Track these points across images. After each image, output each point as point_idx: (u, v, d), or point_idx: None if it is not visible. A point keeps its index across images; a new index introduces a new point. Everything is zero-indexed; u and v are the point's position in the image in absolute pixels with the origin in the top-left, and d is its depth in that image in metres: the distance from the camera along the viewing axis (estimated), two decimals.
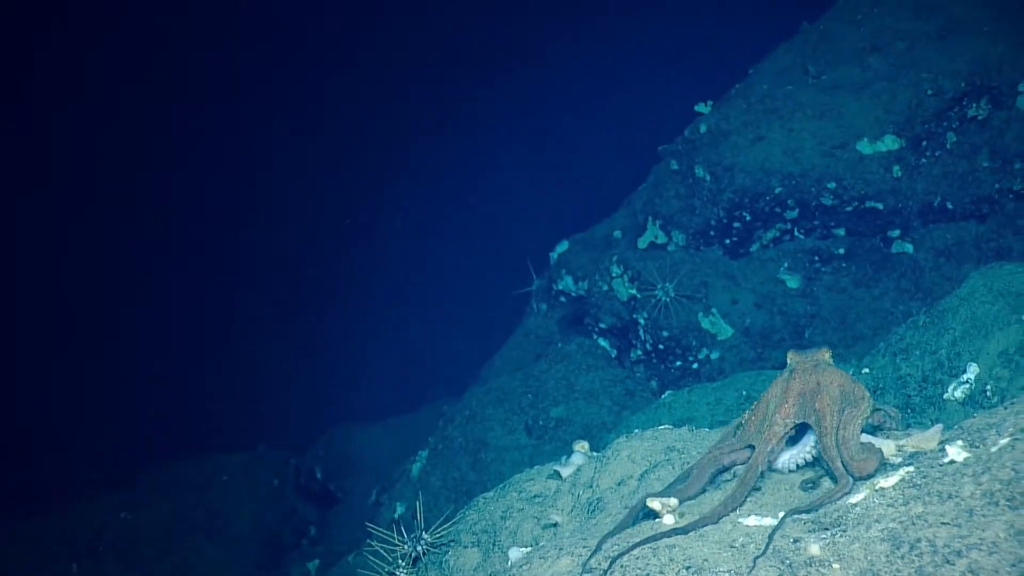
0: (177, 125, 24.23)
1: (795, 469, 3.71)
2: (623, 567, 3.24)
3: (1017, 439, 3.14)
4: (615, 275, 10.46)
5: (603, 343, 10.83)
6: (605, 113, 22.92)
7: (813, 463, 3.68)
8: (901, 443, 3.53)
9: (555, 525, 4.51)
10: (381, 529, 5.30)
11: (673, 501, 3.61)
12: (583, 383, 10.40)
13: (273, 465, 15.00)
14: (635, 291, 10.24)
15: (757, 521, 3.38)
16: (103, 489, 14.63)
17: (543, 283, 12.12)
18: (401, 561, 5.15)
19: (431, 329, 20.54)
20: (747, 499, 3.58)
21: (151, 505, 13.94)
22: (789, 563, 3.00)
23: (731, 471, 3.87)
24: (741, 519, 3.42)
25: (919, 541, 2.85)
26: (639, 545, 3.32)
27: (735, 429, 3.92)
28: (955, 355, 5.38)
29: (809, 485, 3.59)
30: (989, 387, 5.06)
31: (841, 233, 10.13)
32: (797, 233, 10.26)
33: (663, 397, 8.37)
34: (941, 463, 3.23)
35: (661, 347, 10.12)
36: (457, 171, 23.78)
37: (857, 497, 3.23)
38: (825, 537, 3.07)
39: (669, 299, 9.98)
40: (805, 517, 3.26)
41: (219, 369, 20.55)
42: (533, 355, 11.70)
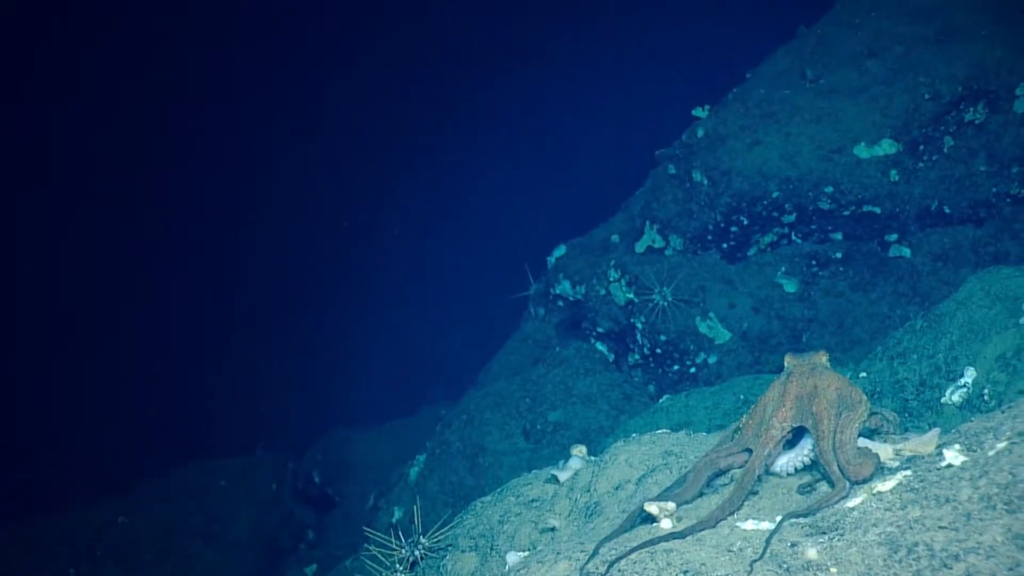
0: (177, 125, 24.20)
1: (793, 473, 3.70)
2: (621, 571, 3.24)
3: (1015, 443, 3.14)
4: (613, 279, 10.46)
5: (601, 347, 10.83)
6: (602, 117, 22.91)
7: (811, 467, 3.68)
8: (898, 447, 3.53)
9: (553, 529, 4.51)
10: (379, 533, 5.30)
11: (671, 505, 3.61)
12: (581, 387, 10.39)
13: (271, 469, 14.99)
14: (633, 295, 10.25)
15: (755, 525, 3.37)
16: (103, 490, 14.61)
17: (541, 287, 12.12)
18: (399, 565, 5.15)
19: (429, 333, 20.53)
20: (745, 503, 3.58)
21: (149, 509, 13.93)
22: (787, 567, 3.00)
23: (728, 475, 3.87)
24: (739, 523, 3.42)
25: (916, 545, 2.85)
26: (637, 549, 3.32)
27: (732, 433, 3.92)
28: (952, 359, 5.38)
29: (806, 489, 3.59)
30: (986, 391, 5.06)
31: (838, 237, 10.13)
32: (794, 237, 10.26)
33: (661, 401, 8.37)
34: (938, 467, 3.23)
35: (659, 351, 10.12)
36: (455, 174, 23.76)
37: (855, 501, 3.23)
38: (823, 541, 3.07)
39: (667, 303, 9.98)
40: (802, 521, 3.26)
41: (218, 370, 20.53)
42: (531, 359, 11.69)
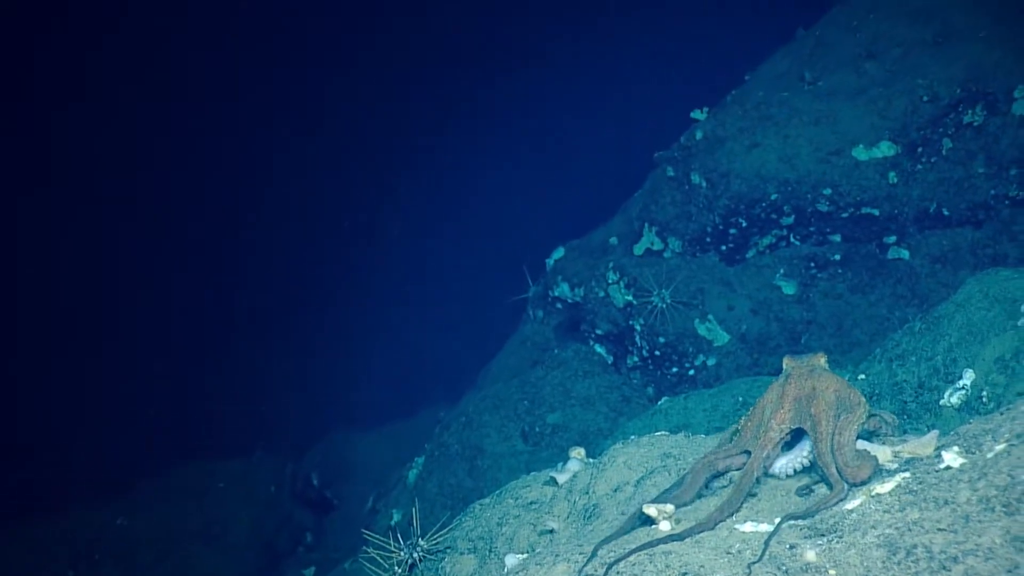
0: (177, 125, 24.22)
1: (792, 474, 3.70)
2: (619, 573, 3.24)
3: (1013, 445, 3.14)
4: (611, 281, 10.46)
5: (599, 350, 10.83)
6: (601, 119, 22.91)
7: (809, 469, 3.67)
8: (897, 449, 3.53)
9: (551, 531, 4.50)
10: (377, 536, 5.30)
11: (669, 507, 3.61)
12: (579, 390, 10.39)
13: (270, 472, 15.00)
14: (631, 297, 10.24)
15: (753, 527, 3.37)
16: (102, 490, 14.60)
17: (539, 290, 12.12)
18: (397, 568, 5.15)
19: (427, 335, 20.51)
20: (743, 505, 3.58)
21: (148, 511, 13.93)
22: (785, 569, 3.00)
23: (727, 477, 3.87)
24: (737, 525, 3.41)
25: (915, 547, 2.85)
26: (635, 551, 3.31)
27: (731, 435, 3.92)
28: (951, 361, 5.38)
29: (805, 491, 3.58)
30: (985, 393, 5.06)
31: (837, 239, 10.13)
32: (793, 239, 10.26)
33: (659, 403, 8.37)
34: (937, 469, 3.23)
35: (657, 353, 10.12)
36: (454, 174, 23.75)
37: (853, 503, 3.23)
38: (821, 543, 3.06)
39: (665, 305, 9.98)
40: (801, 523, 3.26)
41: (217, 370, 20.51)
42: (529, 362, 11.69)
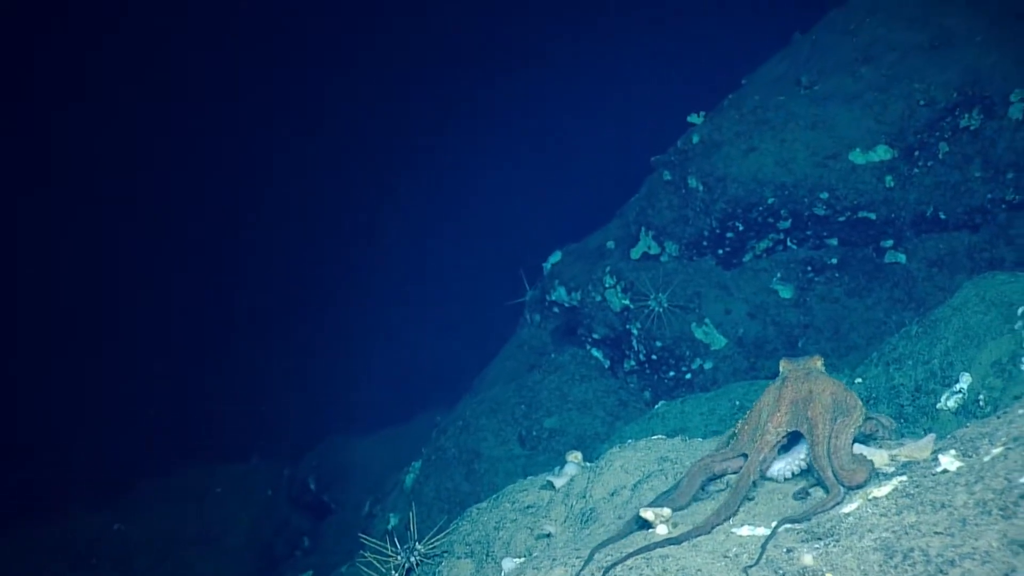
0: (177, 125, 24.25)
1: (790, 477, 3.70)
2: None
3: (1010, 448, 3.14)
4: (608, 285, 10.46)
5: (596, 354, 10.82)
6: (598, 123, 22.94)
7: (806, 472, 3.67)
8: (894, 453, 3.52)
9: (548, 535, 4.50)
10: (374, 540, 5.30)
11: (666, 511, 3.60)
12: (576, 394, 10.39)
13: (267, 476, 14.99)
14: (628, 301, 10.24)
15: (750, 531, 3.37)
16: (102, 490, 14.59)
17: (536, 294, 12.11)
18: (394, 572, 5.14)
19: (424, 339, 20.51)
20: (740, 508, 3.58)
21: (145, 516, 13.93)
22: (783, 573, 2.99)
23: (724, 480, 3.87)
24: (734, 529, 3.41)
25: (912, 551, 2.84)
26: (632, 555, 3.31)
27: (728, 439, 3.91)
28: (948, 365, 5.38)
29: (802, 495, 3.58)
30: (982, 397, 5.06)
31: (834, 243, 10.14)
32: (790, 243, 10.27)
33: (656, 407, 8.36)
34: (934, 472, 3.23)
35: (654, 357, 10.11)
36: (453, 175, 23.78)
37: (850, 507, 3.23)
38: (818, 547, 3.06)
39: (662, 309, 9.98)
40: (798, 527, 3.26)
41: (217, 370, 20.51)
42: (526, 366, 11.68)
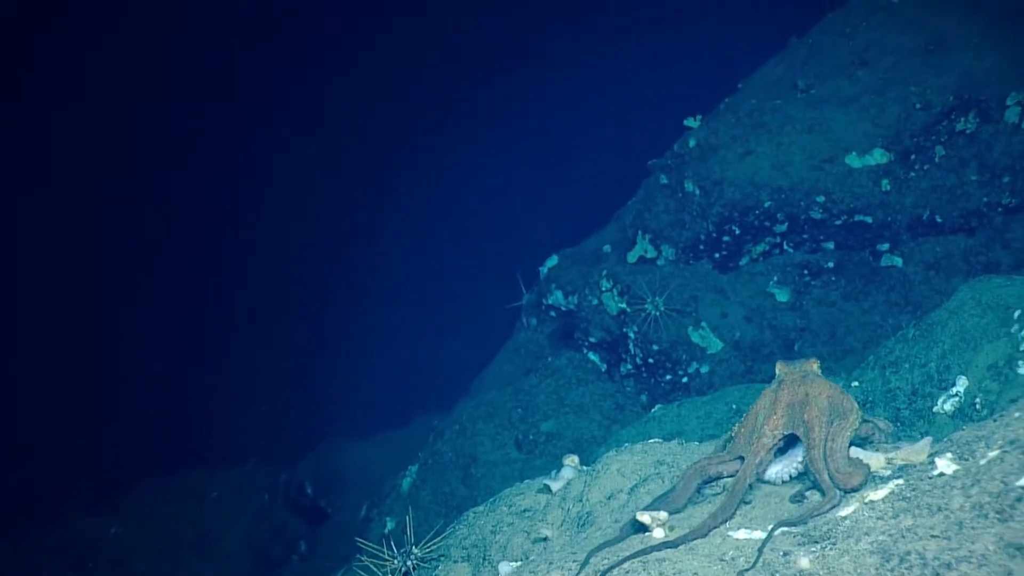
0: (177, 125, 24.24)
1: (787, 480, 3.69)
2: None
3: (1006, 451, 3.13)
4: (605, 289, 10.46)
5: (593, 357, 10.82)
6: (594, 127, 22.94)
7: (803, 475, 3.67)
8: (891, 456, 3.52)
9: (545, 539, 4.50)
10: (371, 544, 5.29)
11: (663, 515, 3.60)
12: (573, 397, 10.38)
13: (264, 480, 14.97)
14: (625, 305, 10.24)
15: (747, 534, 3.37)
16: (102, 491, 14.57)
17: (533, 297, 12.11)
18: None
19: (421, 343, 20.50)
20: (737, 512, 3.57)
21: (142, 520, 13.91)
22: None
23: (720, 483, 3.86)
24: (731, 532, 3.41)
25: (909, 554, 2.84)
26: (629, 559, 3.31)
27: (724, 443, 3.91)
28: (944, 368, 5.38)
29: (798, 498, 3.58)
30: (978, 400, 5.06)
31: (830, 247, 10.14)
32: (786, 247, 10.27)
33: (653, 411, 8.36)
34: (931, 476, 3.23)
35: (651, 361, 10.11)
36: (452, 177, 23.76)
37: (847, 510, 3.22)
38: (815, 550, 3.06)
39: (659, 313, 9.98)
40: (795, 530, 3.25)
41: (217, 371, 20.49)
42: (523, 370, 11.67)
